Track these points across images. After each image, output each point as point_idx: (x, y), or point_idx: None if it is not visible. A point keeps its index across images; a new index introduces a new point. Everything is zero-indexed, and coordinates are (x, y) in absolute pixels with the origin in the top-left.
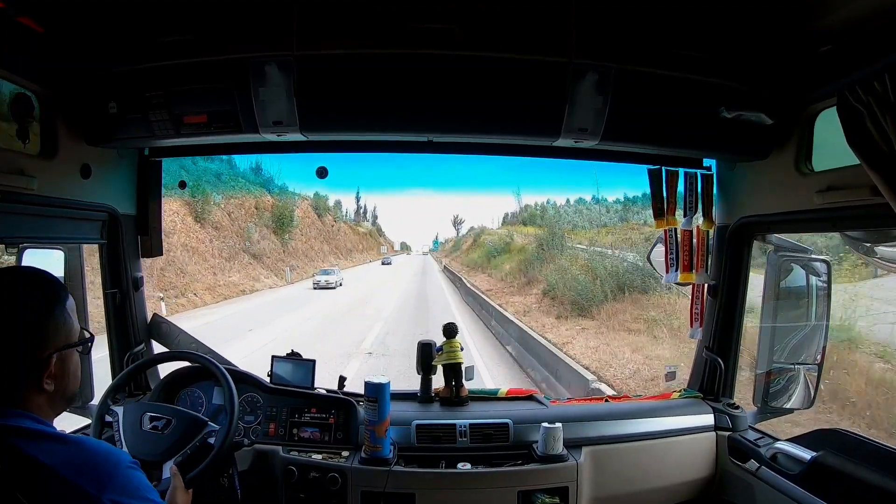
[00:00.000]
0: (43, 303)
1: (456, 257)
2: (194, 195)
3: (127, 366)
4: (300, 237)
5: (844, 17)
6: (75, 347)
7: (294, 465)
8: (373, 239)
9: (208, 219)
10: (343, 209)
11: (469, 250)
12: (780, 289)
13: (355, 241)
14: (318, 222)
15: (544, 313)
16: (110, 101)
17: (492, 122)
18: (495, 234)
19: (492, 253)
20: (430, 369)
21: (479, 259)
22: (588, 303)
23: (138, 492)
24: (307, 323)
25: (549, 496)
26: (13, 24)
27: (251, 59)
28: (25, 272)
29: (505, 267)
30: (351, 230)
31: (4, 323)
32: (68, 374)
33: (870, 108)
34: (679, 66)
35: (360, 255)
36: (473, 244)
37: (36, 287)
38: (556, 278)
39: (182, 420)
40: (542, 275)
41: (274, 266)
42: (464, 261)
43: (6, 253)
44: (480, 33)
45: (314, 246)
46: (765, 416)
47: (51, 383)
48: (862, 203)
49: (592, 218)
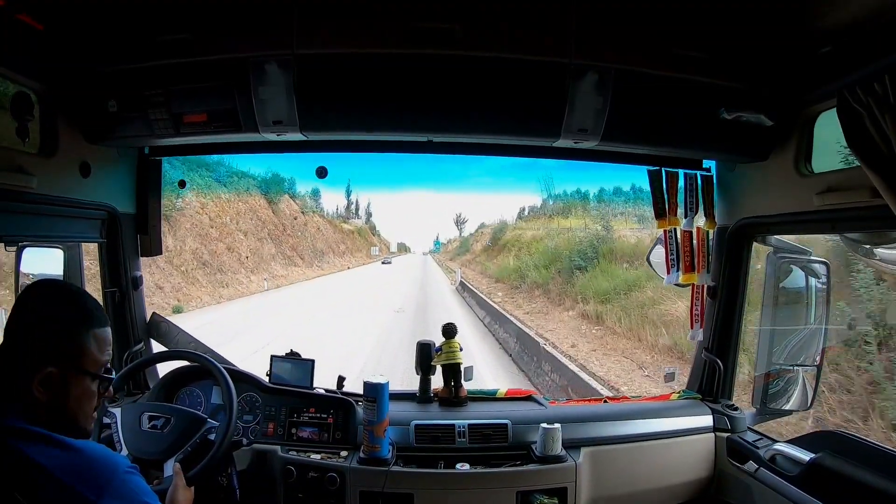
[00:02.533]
0: (69, 318)
1: (466, 262)
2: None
3: (126, 365)
4: (202, 235)
5: (844, 19)
6: (86, 375)
7: (293, 465)
8: (362, 238)
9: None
10: (334, 205)
11: (489, 254)
12: (779, 290)
13: (335, 239)
14: (268, 213)
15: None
16: (110, 100)
17: (492, 123)
18: (528, 230)
19: (576, 262)
20: (429, 369)
21: (527, 271)
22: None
23: (136, 497)
24: None
25: (547, 497)
26: (13, 23)
27: (251, 58)
28: (67, 288)
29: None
30: (331, 226)
31: (24, 327)
32: (69, 395)
33: (869, 110)
34: (679, 67)
35: (338, 258)
36: (495, 247)
37: (70, 303)
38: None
39: (181, 418)
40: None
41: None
42: (487, 270)
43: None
44: (480, 33)
45: (241, 247)
46: (764, 417)
47: (42, 392)
48: (861, 205)
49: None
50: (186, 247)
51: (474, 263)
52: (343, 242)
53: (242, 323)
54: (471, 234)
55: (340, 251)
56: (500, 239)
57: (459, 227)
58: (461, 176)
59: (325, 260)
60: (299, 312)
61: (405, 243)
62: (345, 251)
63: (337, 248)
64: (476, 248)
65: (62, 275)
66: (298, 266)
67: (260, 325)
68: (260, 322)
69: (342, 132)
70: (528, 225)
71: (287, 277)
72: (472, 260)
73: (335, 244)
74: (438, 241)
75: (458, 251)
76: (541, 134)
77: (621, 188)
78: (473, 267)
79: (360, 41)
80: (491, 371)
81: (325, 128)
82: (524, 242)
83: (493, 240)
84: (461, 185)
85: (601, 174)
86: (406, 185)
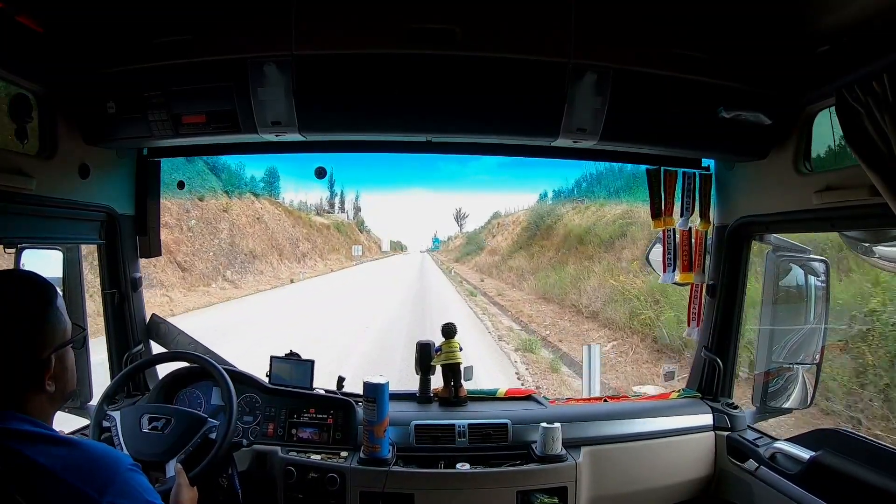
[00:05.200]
0: (38, 304)
1: (484, 267)
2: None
3: (125, 366)
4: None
5: (842, 18)
6: (70, 344)
7: (293, 466)
8: (343, 235)
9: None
10: (317, 199)
11: (532, 253)
12: (778, 288)
13: (294, 237)
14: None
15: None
16: (109, 101)
17: (490, 122)
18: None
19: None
20: (428, 369)
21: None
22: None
23: (139, 494)
24: None
25: (547, 496)
26: (12, 24)
27: (250, 59)
28: (18, 276)
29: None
30: (290, 217)
31: (2, 327)
32: (67, 371)
33: (868, 109)
34: (678, 67)
35: (292, 265)
36: (543, 240)
37: (30, 290)
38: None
39: (181, 418)
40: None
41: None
42: (537, 287)
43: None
44: (480, 33)
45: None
46: (763, 415)
47: (52, 384)
48: (860, 203)
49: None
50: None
51: (499, 270)
52: (311, 239)
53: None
54: (482, 226)
55: (298, 254)
56: (548, 227)
57: (460, 222)
58: (459, 175)
59: (251, 269)
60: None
61: (401, 242)
62: (309, 252)
63: (292, 251)
64: (497, 245)
65: (61, 277)
66: (195, 290)
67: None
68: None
69: (341, 133)
70: (575, 212)
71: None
72: (494, 264)
73: (291, 243)
74: (437, 239)
75: (464, 250)
76: (540, 133)
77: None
78: (501, 276)
79: (359, 42)
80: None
81: (323, 128)
82: (593, 235)
83: (532, 228)
84: (459, 184)
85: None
86: (404, 184)
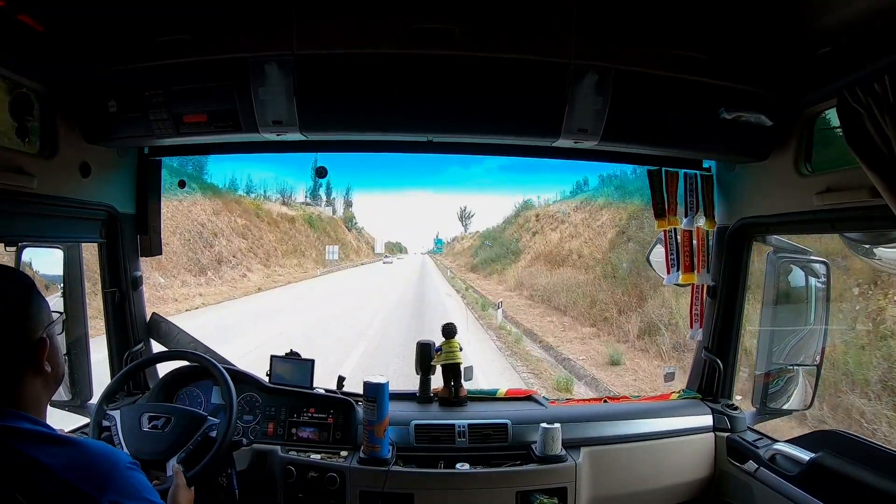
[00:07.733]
0: (20, 291)
1: (518, 279)
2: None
3: (126, 365)
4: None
5: (843, 19)
6: (54, 323)
7: (293, 465)
8: (317, 232)
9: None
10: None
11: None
12: (779, 290)
13: (213, 230)
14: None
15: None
16: (110, 100)
17: (491, 123)
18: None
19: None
20: (428, 369)
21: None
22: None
23: (138, 493)
24: None
25: (547, 497)
26: (13, 23)
27: (251, 58)
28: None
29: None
30: (225, 207)
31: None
32: (57, 351)
33: (869, 110)
34: (679, 68)
35: (191, 277)
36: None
37: (9, 279)
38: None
39: (181, 417)
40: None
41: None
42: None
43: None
44: (480, 33)
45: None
46: (763, 417)
47: (48, 364)
48: (861, 204)
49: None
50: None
51: (584, 295)
52: (247, 236)
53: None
54: (504, 222)
55: (206, 259)
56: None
57: (465, 222)
58: (461, 177)
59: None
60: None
61: (400, 243)
62: (238, 254)
63: (192, 255)
64: (554, 246)
65: (62, 275)
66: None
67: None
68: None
69: (342, 132)
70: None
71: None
72: (564, 284)
73: (204, 243)
74: (440, 240)
75: (483, 255)
76: (541, 134)
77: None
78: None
79: (360, 42)
80: None
81: (324, 128)
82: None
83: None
84: (461, 186)
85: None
86: (405, 186)
